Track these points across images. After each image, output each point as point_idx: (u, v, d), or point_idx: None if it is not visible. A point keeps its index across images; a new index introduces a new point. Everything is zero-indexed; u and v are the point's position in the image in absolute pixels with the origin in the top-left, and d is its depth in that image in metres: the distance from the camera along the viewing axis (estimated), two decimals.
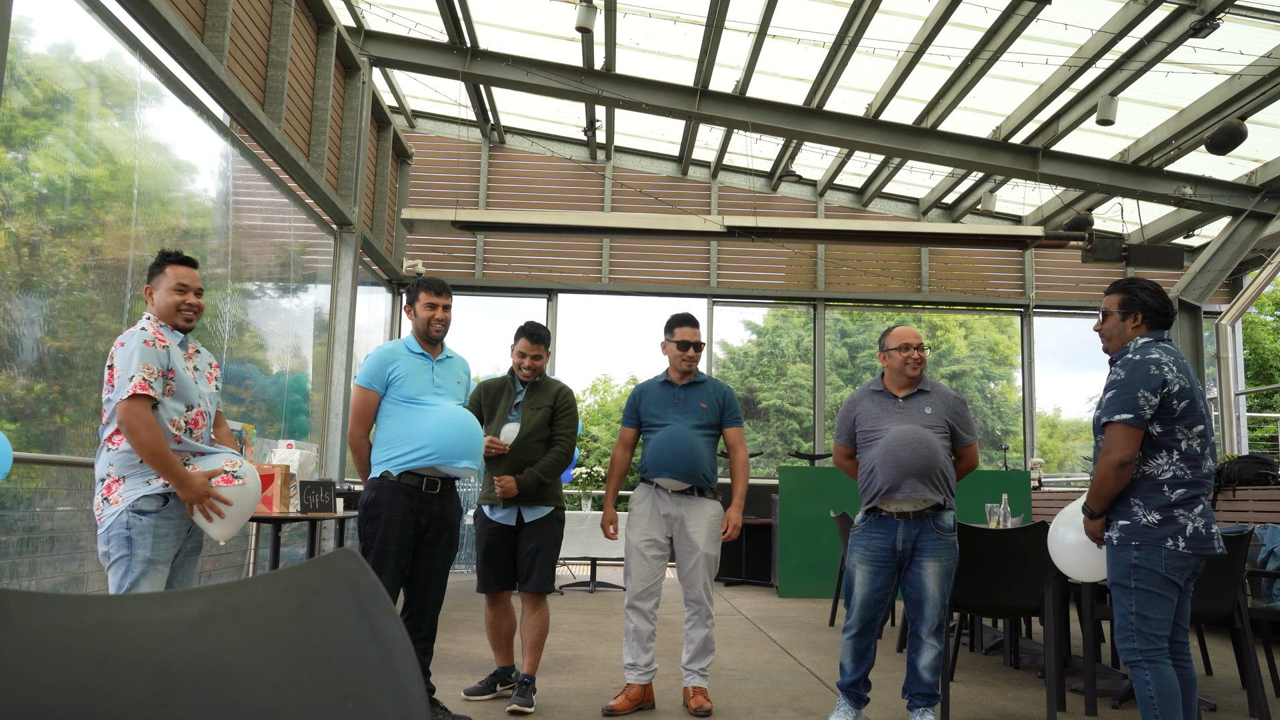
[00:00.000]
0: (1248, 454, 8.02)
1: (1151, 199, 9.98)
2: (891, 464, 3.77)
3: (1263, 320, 18.16)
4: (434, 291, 3.89)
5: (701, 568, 4.20)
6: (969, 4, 7.72)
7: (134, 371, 2.98)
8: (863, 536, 3.89)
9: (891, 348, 3.95)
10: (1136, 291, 3.23)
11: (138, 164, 5.48)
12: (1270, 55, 7.91)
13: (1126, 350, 3.18)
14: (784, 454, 12.98)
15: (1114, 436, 3.03)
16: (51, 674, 0.80)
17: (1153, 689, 2.95)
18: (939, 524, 3.80)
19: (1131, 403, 3.01)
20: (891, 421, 3.87)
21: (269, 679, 0.89)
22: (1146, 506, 3.02)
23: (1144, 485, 3.05)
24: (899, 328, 4.01)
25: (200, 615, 0.90)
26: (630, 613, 4.23)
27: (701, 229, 10.45)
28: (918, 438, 3.79)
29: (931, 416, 3.86)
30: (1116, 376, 3.10)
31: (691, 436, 4.23)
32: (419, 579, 3.78)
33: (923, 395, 3.93)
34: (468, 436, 3.77)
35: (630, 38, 9.14)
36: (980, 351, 14.12)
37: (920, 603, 3.80)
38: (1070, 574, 3.69)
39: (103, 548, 3.02)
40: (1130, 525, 3.04)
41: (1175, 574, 2.98)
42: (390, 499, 3.66)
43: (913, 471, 3.74)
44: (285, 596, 0.95)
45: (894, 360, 3.94)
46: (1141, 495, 3.04)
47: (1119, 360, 3.16)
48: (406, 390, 3.75)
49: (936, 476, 3.77)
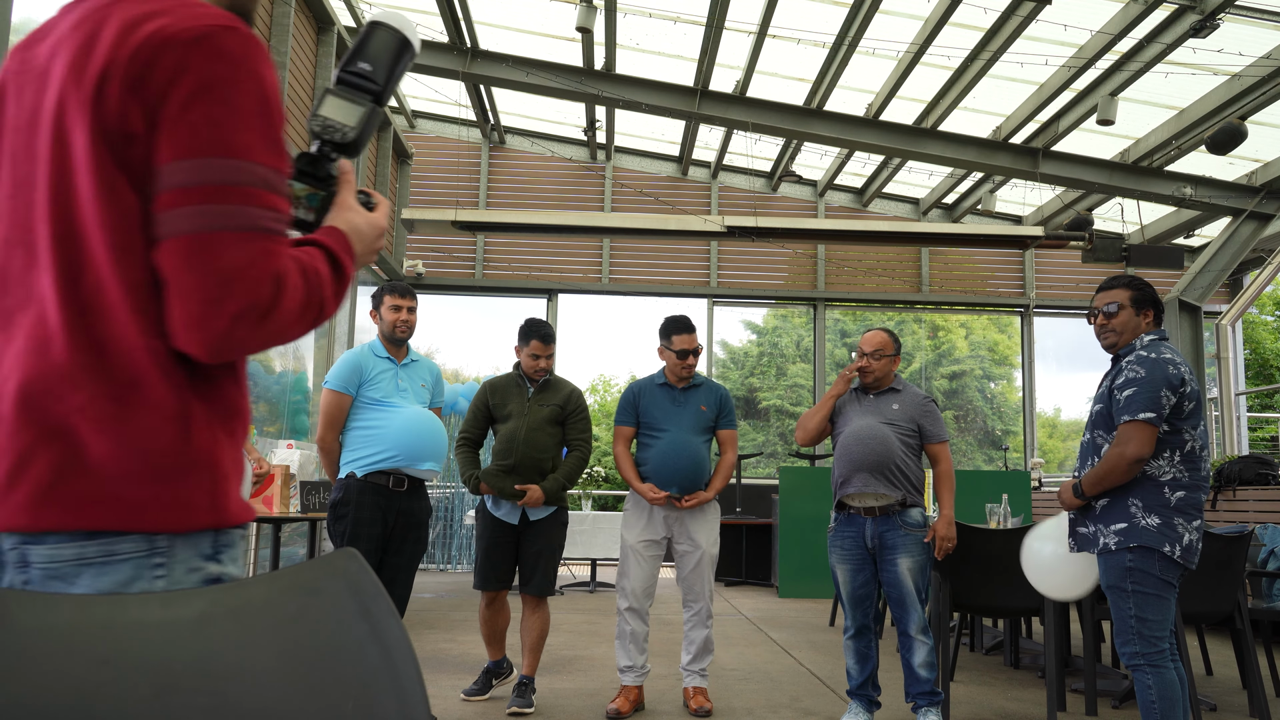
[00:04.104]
0: (1248, 454, 8.02)
1: (1151, 199, 9.98)
2: (845, 459, 3.92)
3: (1263, 320, 18.16)
4: (398, 294, 4.00)
5: (705, 566, 4.21)
6: (969, 4, 7.72)
7: None
8: (836, 535, 3.98)
9: (858, 352, 4.08)
10: (1144, 287, 3.20)
11: None
12: (1270, 55, 7.91)
13: (1135, 347, 3.15)
14: (784, 454, 12.98)
15: (1135, 433, 2.98)
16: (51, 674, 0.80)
17: (1154, 693, 2.93)
18: (905, 520, 3.84)
19: (1155, 401, 2.98)
20: (855, 417, 3.98)
21: (269, 679, 0.89)
22: (1145, 509, 3.00)
23: (1144, 485, 3.03)
24: (866, 333, 4.12)
25: (200, 615, 0.90)
26: (628, 615, 4.22)
27: (701, 229, 10.46)
28: (872, 433, 3.88)
29: (898, 413, 3.94)
30: (1135, 374, 3.04)
31: (696, 447, 4.26)
32: (384, 574, 3.79)
33: (893, 394, 4.02)
34: (431, 439, 3.83)
35: (630, 38, 9.14)
36: (980, 351, 14.12)
37: (901, 600, 3.82)
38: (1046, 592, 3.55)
39: None
40: (1128, 528, 3.01)
41: (1169, 576, 2.97)
42: (358, 497, 3.70)
43: (864, 466, 3.84)
44: (285, 596, 0.95)
45: (859, 365, 4.06)
46: (1140, 496, 3.02)
47: (1130, 357, 3.11)
48: (372, 393, 3.82)
49: (890, 472, 3.83)
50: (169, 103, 1.05)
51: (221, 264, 1.04)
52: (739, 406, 13.82)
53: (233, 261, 1.04)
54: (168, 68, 1.05)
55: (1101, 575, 3.09)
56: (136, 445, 1.06)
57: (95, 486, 1.05)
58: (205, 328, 1.05)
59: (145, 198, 1.07)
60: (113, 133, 1.05)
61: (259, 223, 1.07)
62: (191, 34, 1.06)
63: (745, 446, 12.97)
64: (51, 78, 1.11)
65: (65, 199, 1.08)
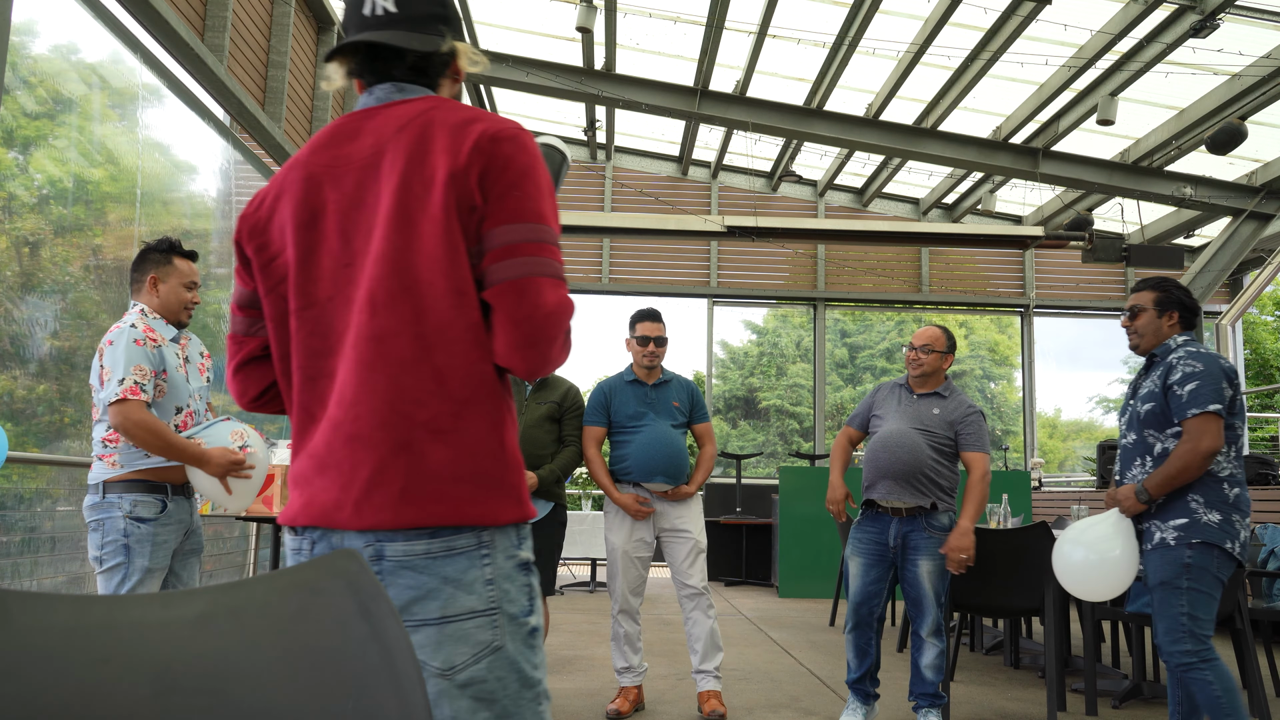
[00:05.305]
0: (1248, 454, 8.02)
1: (1151, 199, 9.98)
2: (873, 464, 3.90)
3: (1263, 320, 18.15)
4: None
5: (696, 555, 4.20)
6: (969, 4, 7.72)
7: (124, 374, 2.92)
8: (858, 529, 3.95)
9: (909, 345, 4.05)
10: (1172, 289, 3.15)
11: (140, 164, 5.48)
12: (1270, 55, 7.90)
13: (1170, 347, 3.10)
14: (784, 454, 12.98)
15: (1206, 425, 2.91)
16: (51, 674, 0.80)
17: (1218, 688, 2.85)
18: (932, 522, 3.82)
19: (1219, 393, 2.93)
20: (892, 417, 3.94)
21: (269, 679, 0.89)
22: (1206, 504, 2.93)
23: (1205, 481, 2.95)
24: (922, 327, 4.09)
25: (200, 615, 0.91)
26: (621, 618, 4.19)
27: (701, 229, 10.45)
28: (901, 441, 3.84)
29: (937, 418, 3.88)
30: (1193, 368, 2.97)
31: (675, 437, 4.25)
32: None
33: (937, 398, 3.95)
34: None
35: (630, 38, 9.14)
36: (980, 351, 14.12)
37: (918, 600, 3.82)
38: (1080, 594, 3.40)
39: (94, 552, 2.95)
40: (1189, 524, 2.93)
41: (1224, 573, 2.91)
42: None
43: (890, 474, 3.82)
44: (285, 596, 0.95)
45: (907, 357, 4.04)
46: (1201, 492, 2.95)
47: (1179, 353, 3.05)
48: None
49: (918, 480, 3.80)
50: (499, 183, 1.38)
51: (543, 301, 1.37)
52: (739, 406, 13.82)
53: (550, 300, 1.38)
54: (501, 158, 1.38)
55: (1154, 571, 2.99)
56: (468, 453, 1.32)
57: (438, 489, 1.30)
58: (532, 351, 1.37)
59: (473, 255, 1.38)
60: (464, 207, 1.37)
61: (559, 271, 1.42)
62: (508, 134, 1.41)
63: (745, 446, 12.97)
64: (384, 169, 1.40)
65: (407, 260, 1.35)
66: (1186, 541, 2.91)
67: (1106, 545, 3.13)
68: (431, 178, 1.37)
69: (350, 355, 1.36)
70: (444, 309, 1.35)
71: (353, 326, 1.37)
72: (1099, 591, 3.24)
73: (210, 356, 3.39)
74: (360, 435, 1.31)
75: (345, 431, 1.33)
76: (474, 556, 1.31)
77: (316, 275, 1.41)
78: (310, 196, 1.44)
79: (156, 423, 2.95)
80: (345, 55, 1.51)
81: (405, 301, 1.34)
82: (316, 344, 1.40)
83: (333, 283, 1.40)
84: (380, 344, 1.34)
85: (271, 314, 1.46)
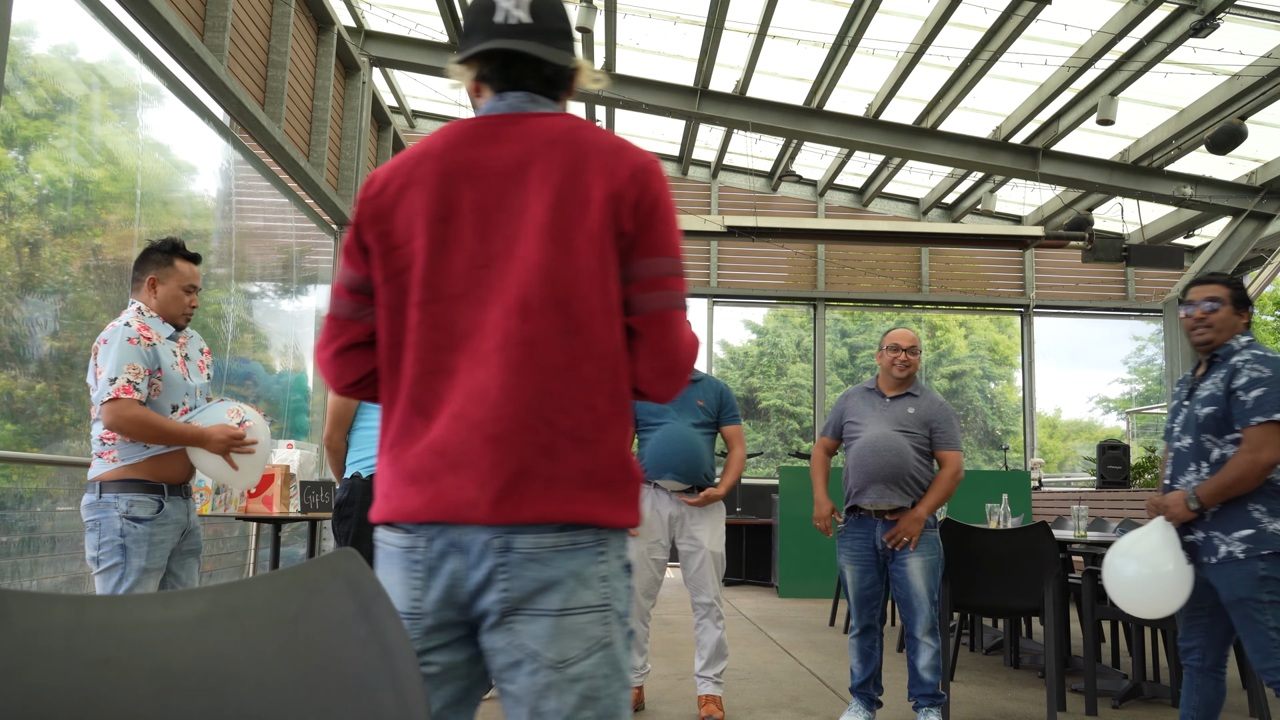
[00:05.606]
0: None
1: (1151, 199, 9.98)
2: (860, 469, 3.90)
3: (1263, 320, 18.15)
4: None
5: (709, 566, 4.12)
6: (969, 4, 7.72)
7: (117, 373, 2.90)
8: (846, 536, 3.97)
9: (884, 347, 4.02)
10: (1241, 286, 3.04)
11: (140, 165, 5.48)
12: (1270, 55, 7.90)
13: (1234, 348, 2.96)
14: (784, 454, 12.97)
15: (1268, 436, 2.78)
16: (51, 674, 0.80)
17: None
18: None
19: None
20: (872, 422, 3.94)
21: (269, 679, 0.89)
22: (1271, 514, 2.82)
23: (1264, 490, 2.84)
24: (895, 330, 4.07)
25: (200, 615, 0.90)
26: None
27: (702, 229, 10.45)
28: (887, 444, 3.86)
29: (913, 418, 3.90)
30: (1260, 373, 2.84)
31: (692, 435, 4.18)
32: None
33: (910, 398, 3.96)
34: None
35: (630, 38, 9.14)
36: (980, 351, 14.12)
37: (909, 601, 3.82)
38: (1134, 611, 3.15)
39: (91, 552, 2.94)
40: (1256, 535, 2.80)
41: None
42: (363, 498, 3.69)
43: (879, 478, 3.84)
44: (285, 596, 0.95)
45: (884, 360, 4.02)
46: (1262, 501, 2.83)
47: (1244, 355, 2.92)
48: None
49: (905, 481, 3.83)
50: (651, 215, 1.45)
51: (683, 333, 1.48)
52: (739, 406, 13.82)
53: (688, 335, 1.49)
54: (653, 190, 1.46)
55: (1226, 587, 2.84)
56: (601, 461, 1.39)
57: (571, 491, 1.36)
58: (670, 381, 1.49)
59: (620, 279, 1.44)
60: (617, 231, 1.43)
61: (687, 302, 1.51)
62: (655, 167, 1.49)
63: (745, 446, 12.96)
64: (531, 179, 1.44)
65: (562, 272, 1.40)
66: (1257, 554, 2.78)
67: (1159, 558, 2.95)
68: (588, 197, 1.42)
69: (495, 358, 1.38)
70: (596, 325, 1.40)
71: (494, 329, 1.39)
72: (1154, 608, 3.02)
73: (210, 354, 3.38)
74: (503, 436, 1.35)
75: (487, 431, 1.35)
76: (593, 553, 1.37)
77: (448, 271, 1.42)
78: (446, 191, 1.45)
79: (148, 413, 2.93)
80: (477, 60, 1.55)
81: (559, 312, 1.39)
82: (439, 339, 1.41)
83: (464, 280, 1.42)
84: (532, 349, 1.37)
85: (387, 302, 1.45)
